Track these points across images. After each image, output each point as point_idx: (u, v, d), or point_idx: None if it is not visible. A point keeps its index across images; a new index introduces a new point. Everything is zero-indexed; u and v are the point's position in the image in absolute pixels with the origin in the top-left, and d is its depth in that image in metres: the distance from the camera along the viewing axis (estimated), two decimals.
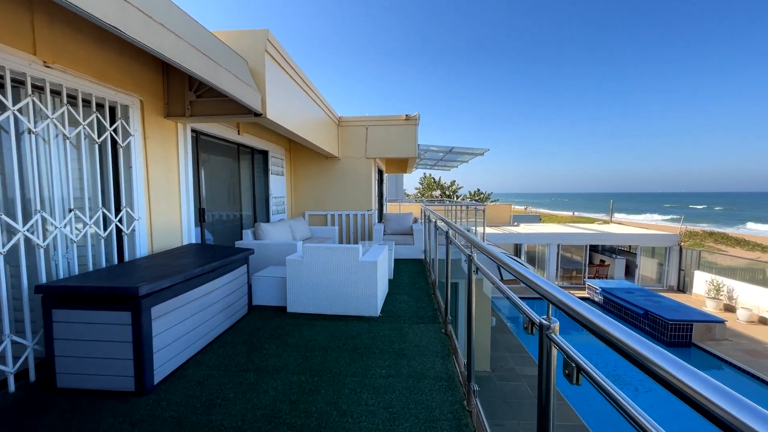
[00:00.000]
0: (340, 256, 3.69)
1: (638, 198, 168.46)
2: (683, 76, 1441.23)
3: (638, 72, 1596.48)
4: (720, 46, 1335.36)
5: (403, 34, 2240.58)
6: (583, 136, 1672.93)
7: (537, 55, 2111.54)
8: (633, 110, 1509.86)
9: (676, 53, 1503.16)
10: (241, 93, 3.27)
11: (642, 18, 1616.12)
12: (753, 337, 9.90)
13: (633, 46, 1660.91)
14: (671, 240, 14.82)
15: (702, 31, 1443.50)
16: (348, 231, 8.14)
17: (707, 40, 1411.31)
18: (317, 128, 6.30)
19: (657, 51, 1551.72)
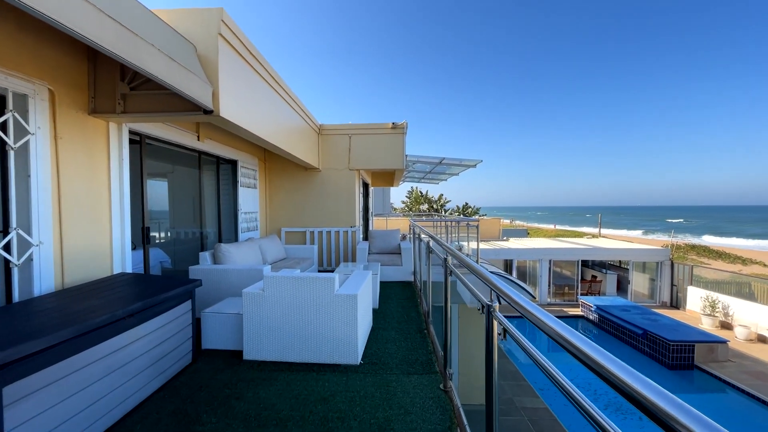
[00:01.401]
0: (310, 288, 2.94)
1: (617, 211, 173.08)
2: (658, 91, 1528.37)
3: (613, 87, 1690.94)
4: (683, 69, 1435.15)
5: (384, 39, 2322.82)
6: (560, 152, 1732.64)
7: (523, 69, 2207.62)
8: (610, 127, 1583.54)
9: (647, 67, 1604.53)
10: (182, 83, 2.55)
11: (625, 35, 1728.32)
12: (756, 357, 9.47)
13: (612, 62, 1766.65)
14: (662, 254, 14.57)
15: (675, 46, 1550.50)
16: (329, 250, 7.37)
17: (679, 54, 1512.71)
18: (293, 135, 5.60)
19: (634, 65, 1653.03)
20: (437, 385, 2.61)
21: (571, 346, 0.82)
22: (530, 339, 1.24)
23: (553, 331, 0.93)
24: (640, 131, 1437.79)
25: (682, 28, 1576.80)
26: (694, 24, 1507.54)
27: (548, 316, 1.03)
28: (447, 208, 28.57)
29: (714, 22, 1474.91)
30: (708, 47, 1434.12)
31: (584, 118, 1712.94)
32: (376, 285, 4.63)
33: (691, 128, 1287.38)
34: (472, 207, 27.91)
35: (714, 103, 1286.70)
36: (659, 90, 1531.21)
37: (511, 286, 4.42)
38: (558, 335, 0.90)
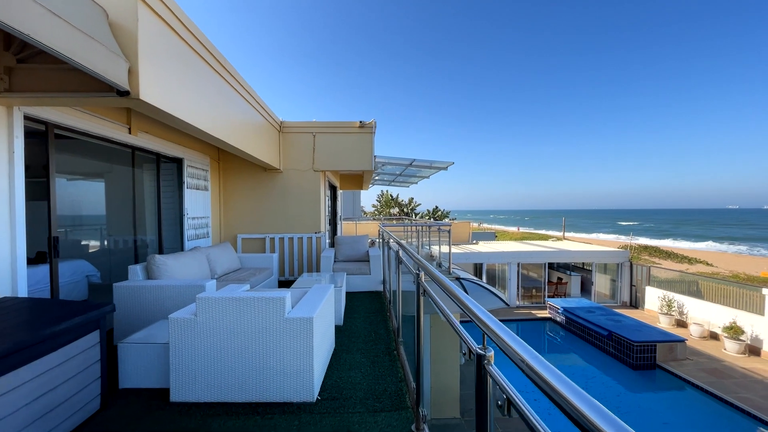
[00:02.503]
0: (256, 311, 2.41)
1: (574, 214, 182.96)
2: (615, 99, 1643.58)
3: (577, 95, 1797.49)
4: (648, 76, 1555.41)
5: (356, 38, 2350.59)
6: (521, 157, 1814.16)
7: (486, 77, 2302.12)
8: (569, 134, 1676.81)
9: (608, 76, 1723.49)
10: (82, 53, 1.96)
11: (600, 43, 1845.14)
12: (710, 354, 9.90)
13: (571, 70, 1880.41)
14: (622, 256, 15.14)
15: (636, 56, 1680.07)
16: (291, 258, 6.77)
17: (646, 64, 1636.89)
18: (249, 132, 5.01)
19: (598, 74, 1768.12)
20: (409, 425, 2.17)
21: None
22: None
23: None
24: (596, 139, 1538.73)
25: (646, 39, 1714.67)
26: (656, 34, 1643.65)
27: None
28: (417, 212, 28.52)
29: (648, 22, 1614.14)
30: (658, 54, 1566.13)
31: (544, 125, 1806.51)
32: (341, 299, 4.14)
33: (641, 135, 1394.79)
34: (442, 210, 28.03)
35: (661, 112, 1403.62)
36: (618, 99, 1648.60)
37: (486, 293, 3.95)
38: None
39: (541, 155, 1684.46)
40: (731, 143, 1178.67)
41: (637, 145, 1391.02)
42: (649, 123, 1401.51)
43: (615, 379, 9.24)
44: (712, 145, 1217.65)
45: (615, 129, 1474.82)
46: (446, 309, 1.33)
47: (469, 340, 1.08)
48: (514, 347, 0.86)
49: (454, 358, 6.58)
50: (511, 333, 0.92)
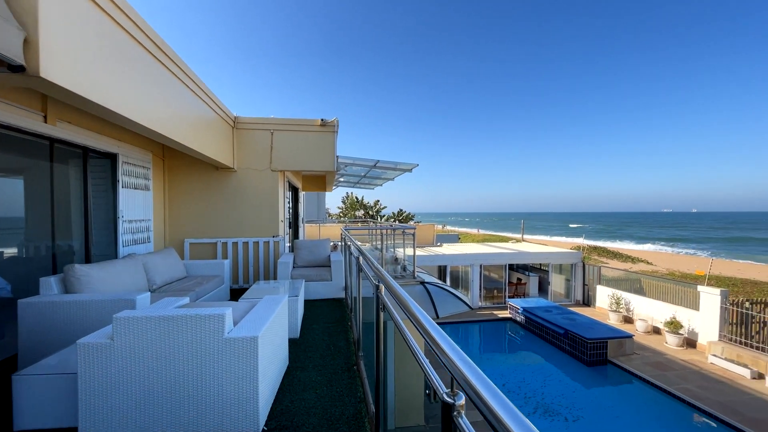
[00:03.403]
0: (189, 331, 2.05)
1: (528, 217, 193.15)
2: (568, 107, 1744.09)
3: (534, 102, 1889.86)
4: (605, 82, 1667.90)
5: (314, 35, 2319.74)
6: (481, 161, 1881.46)
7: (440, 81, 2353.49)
8: (524, 140, 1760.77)
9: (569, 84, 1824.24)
10: None
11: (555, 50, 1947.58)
12: (654, 348, 10.60)
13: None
14: (576, 257, 15.95)
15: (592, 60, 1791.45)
16: (246, 264, 6.29)
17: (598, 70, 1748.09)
18: (196, 126, 4.54)
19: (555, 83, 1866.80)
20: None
21: None
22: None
23: None
24: (546, 147, 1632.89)
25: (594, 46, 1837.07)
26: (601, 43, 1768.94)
27: None
28: (383, 214, 28.43)
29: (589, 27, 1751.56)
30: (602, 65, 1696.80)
31: (502, 130, 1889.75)
32: (297, 309, 3.81)
33: (587, 143, 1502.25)
34: (408, 213, 28.17)
35: (605, 121, 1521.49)
36: (569, 108, 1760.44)
37: (451, 298, 3.71)
38: None
39: (499, 160, 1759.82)
40: (666, 149, 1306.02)
41: (583, 152, 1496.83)
42: (596, 131, 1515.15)
43: (570, 376, 9.59)
44: (650, 151, 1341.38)
45: (563, 139, 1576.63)
46: (408, 333, 1.11)
47: (434, 379, 0.85)
48: (488, 401, 0.64)
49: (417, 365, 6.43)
50: (487, 381, 0.70)
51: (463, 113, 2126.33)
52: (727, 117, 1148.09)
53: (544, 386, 9.00)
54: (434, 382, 0.84)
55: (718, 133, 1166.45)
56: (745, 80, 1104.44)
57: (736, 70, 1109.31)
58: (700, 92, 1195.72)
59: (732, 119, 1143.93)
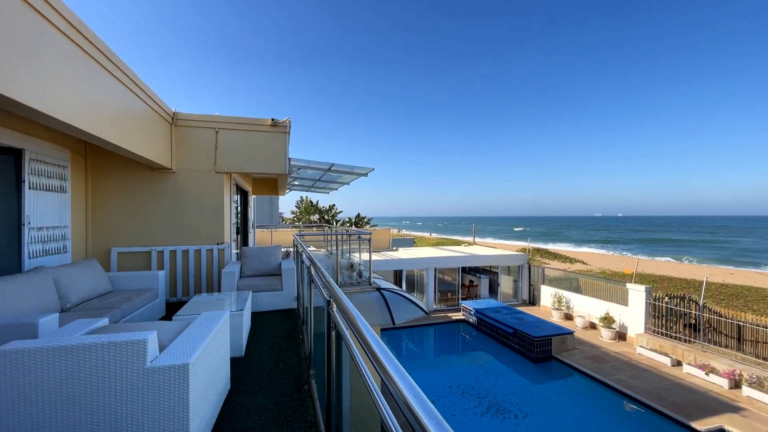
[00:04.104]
0: (100, 363, 1.71)
1: (481, 221, 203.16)
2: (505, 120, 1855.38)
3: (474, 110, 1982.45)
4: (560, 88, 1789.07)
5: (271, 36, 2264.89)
6: (428, 167, 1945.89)
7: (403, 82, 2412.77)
8: (468, 147, 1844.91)
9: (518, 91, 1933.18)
10: None
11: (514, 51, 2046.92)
12: (591, 342, 11.46)
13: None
14: (522, 259, 16.87)
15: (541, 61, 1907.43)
16: (186, 275, 5.72)
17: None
18: (125, 121, 4.02)
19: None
20: None
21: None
22: None
23: None
24: (492, 151, 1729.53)
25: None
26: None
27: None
28: (339, 219, 28.02)
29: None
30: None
31: (451, 137, 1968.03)
32: (242, 324, 3.48)
33: (527, 149, 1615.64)
34: (364, 218, 28.04)
35: (538, 131, 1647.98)
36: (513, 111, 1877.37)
37: (407, 304, 3.54)
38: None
39: (448, 166, 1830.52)
40: (599, 156, 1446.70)
41: (524, 159, 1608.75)
42: (537, 139, 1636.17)
43: (519, 373, 10.04)
44: (585, 157, 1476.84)
45: (502, 146, 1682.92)
46: (363, 365, 0.96)
47: (390, 425, 0.71)
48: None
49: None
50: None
51: (415, 120, 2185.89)
52: (641, 129, 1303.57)
53: (496, 385, 9.31)
54: (390, 425, 0.70)
55: (636, 144, 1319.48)
56: (665, 91, 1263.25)
57: (660, 82, 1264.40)
58: (622, 106, 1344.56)
59: (645, 131, 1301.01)
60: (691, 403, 7.76)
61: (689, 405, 7.69)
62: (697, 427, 6.96)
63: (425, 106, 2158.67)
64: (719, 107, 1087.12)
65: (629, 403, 8.21)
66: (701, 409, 7.54)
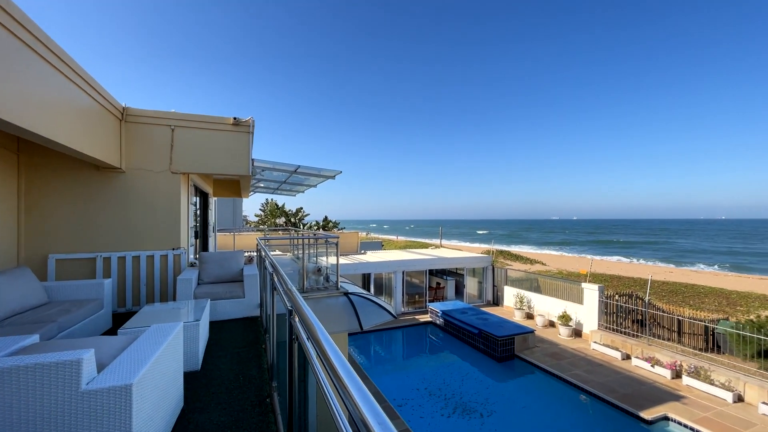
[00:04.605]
0: (23, 389, 1.49)
1: (447, 224, 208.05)
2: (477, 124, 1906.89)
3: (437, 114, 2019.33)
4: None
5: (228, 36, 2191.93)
6: (394, 171, 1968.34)
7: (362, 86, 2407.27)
8: (430, 152, 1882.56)
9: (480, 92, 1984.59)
10: None
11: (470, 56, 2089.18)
12: (550, 340, 12.01)
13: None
14: (487, 261, 17.41)
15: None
16: (137, 283, 5.29)
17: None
18: (65, 114, 3.65)
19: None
20: None
21: None
22: None
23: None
24: (453, 157, 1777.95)
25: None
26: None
27: None
28: (306, 222, 27.45)
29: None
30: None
31: (418, 141, 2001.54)
32: (200, 335, 3.25)
33: (490, 155, 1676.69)
34: (333, 221, 27.68)
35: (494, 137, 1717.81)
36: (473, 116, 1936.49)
37: (375, 308, 3.47)
38: None
39: (417, 171, 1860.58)
40: (556, 163, 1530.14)
41: (486, 164, 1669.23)
42: (497, 146, 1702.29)
43: (484, 372, 10.29)
44: (540, 164, 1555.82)
45: (467, 150, 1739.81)
46: (323, 378, 0.89)
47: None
48: None
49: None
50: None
51: (381, 123, 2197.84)
52: (590, 137, 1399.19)
53: (462, 385, 9.47)
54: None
55: (587, 151, 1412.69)
56: (612, 100, 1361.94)
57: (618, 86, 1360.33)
58: (582, 114, 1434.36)
59: (594, 139, 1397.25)
60: (639, 394, 8.33)
61: (638, 396, 8.25)
62: (644, 416, 7.47)
63: (392, 110, 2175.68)
64: (663, 116, 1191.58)
65: (585, 397, 8.66)
66: (648, 399, 8.11)
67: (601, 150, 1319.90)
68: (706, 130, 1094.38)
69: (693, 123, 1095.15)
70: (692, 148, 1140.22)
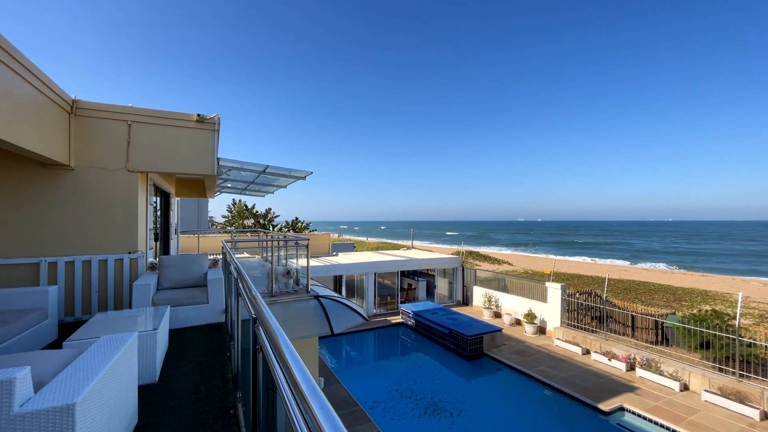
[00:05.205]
0: None
1: (418, 225, 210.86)
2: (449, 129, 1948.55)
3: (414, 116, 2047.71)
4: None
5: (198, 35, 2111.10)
6: (366, 173, 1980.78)
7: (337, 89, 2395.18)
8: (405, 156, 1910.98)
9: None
10: None
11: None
12: (517, 338, 12.44)
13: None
14: (457, 261, 17.76)
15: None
16: (88, 290, 4.90)
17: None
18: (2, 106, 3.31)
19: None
20: None
21: None
22: None
23: None
24: (423, 160, 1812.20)
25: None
26: None
27: None
28: (276, 224, 26.76)
29: None
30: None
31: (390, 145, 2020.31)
32: (157, 345, 3.05)
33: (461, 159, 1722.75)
34: (303, 222, 27.17)
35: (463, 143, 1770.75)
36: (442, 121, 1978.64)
37: (347, 311, 3.42)
38: None
39: (386, 173, 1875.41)
40: (519, 168, 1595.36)
41: (455, 167, 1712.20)
42: (464, 149, 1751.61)
43: (455, 371, 10.48)
44: (504, 169, 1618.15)
45: (437, 154, 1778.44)
46: (287, 393, 0.84)
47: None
48: None
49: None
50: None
51: (353, 126, 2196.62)
52: (560, 141, 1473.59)
53: (434, 385, 9.58)
54: None
55: (549, 153, 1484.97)
56: (577, 107, 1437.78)
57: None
58: (547, 120, 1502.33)
59: (555, 143, 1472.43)
60: (597, 387, 8.79)
61: (596, 389, 8.71)
62: (602, 407, 7.90)
63: (363, 113, 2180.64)
64: (626, 122, 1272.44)
65: (549, 392, 9.03)
66: (605, 391, 8.59)
67: (563, 156, 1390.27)
68: (660, 139, 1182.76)
69: (647, 130, 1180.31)
70: (646, 156, 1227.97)
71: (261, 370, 1.41)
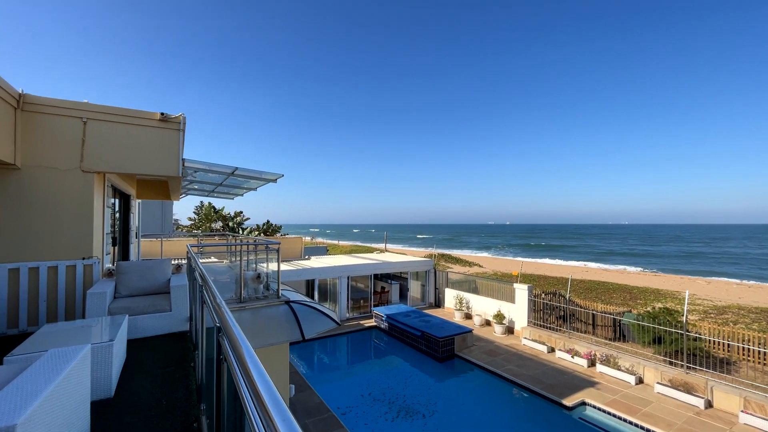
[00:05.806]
0: None
1: (391, 228, 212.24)
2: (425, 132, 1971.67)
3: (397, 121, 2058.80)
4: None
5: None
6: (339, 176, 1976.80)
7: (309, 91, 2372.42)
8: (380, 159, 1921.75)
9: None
10: None
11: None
12: (487, 338, 12.77)
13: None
14: (429, 264, 18.01)
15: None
16: (35, 299, 4.53)
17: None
18: None
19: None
20: None
21: None
22: None
23: None
24: (401, 163, 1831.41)
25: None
26: None
27: None
28: (246, 227, 25.95)
29: None
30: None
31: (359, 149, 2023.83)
32: (113, 357, 2.86)
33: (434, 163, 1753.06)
34: (274, 225, 26.53)
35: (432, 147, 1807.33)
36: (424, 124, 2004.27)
37: (319, 316, 3.38)
38: None
39: (360, 176, 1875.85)
40: (486, 173, 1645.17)
41: (426, 171, 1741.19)
42: (435, 153, 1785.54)
43: (427, 373, 10.58)
44: (471, 173, 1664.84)
45: (408, 158, 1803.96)
46: (252, 408, 0.81)
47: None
48: None
49: (284, 389, 5.89)
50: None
51: (327, 128, 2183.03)
52: (529, 147, 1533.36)
53: (406, 388, 9.63)
54: None
55: (521, 160, 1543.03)
56: (547, 113, 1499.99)
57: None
58: (510, 125, 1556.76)
59: (524, 149, 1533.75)
60: (561, 383, 9.19)
61: (560, 385, 9.09)
62: (566, 403, 8.27)
63: (336, 116, 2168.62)
64: (592, 127, 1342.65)
65: (517, 390, 9.33)
66: (568, 387, 8.99)
67: (529, 160, 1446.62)
68: (618, 145, 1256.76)
69: (609, 136, 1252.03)
70: (607, 161, 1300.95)
71: (225, 381, 1.36)
